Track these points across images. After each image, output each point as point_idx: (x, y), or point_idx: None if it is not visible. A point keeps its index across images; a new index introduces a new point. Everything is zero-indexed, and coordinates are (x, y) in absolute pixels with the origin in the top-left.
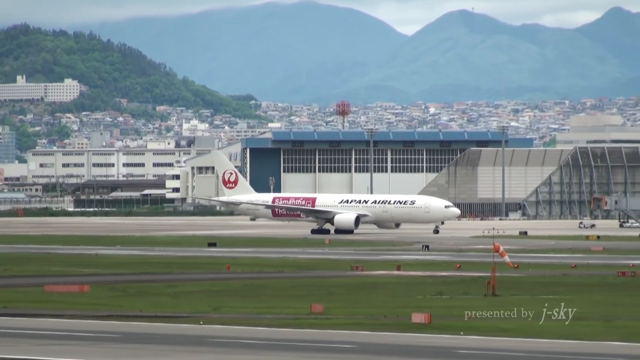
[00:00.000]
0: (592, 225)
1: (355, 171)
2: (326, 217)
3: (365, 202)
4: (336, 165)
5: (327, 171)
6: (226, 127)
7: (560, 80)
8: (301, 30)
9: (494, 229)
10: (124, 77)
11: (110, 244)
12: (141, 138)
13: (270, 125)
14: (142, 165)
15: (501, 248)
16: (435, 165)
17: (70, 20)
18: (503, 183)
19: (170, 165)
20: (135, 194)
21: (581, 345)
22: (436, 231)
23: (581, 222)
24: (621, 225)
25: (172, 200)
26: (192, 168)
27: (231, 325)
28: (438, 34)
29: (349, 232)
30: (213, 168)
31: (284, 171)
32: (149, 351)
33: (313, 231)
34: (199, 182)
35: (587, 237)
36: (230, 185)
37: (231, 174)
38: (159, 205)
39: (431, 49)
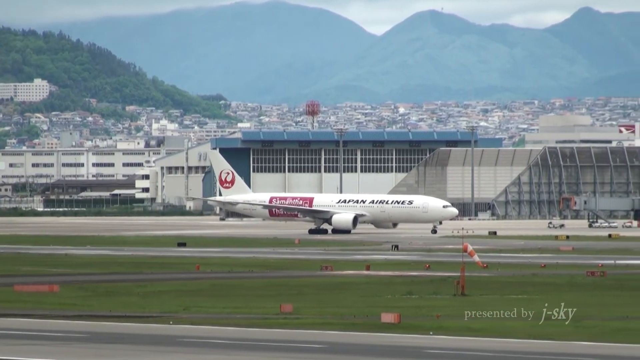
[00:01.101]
0: (561, 225)
1: (325, 171)
2: (324, 217)
3: (363, 202)
4: (306, 165)
5: (296, 171)
6: (196, 127)
7: (530, 81)
8: (271, 30)
9: (463, 229)
10: (94, 77)
11: (80, 244)
12: (111, 138)
13: (239, 125)
14: (112, 165)
15: (470, 248)
16: (405, 165)
17: (40, 20)
18: (472, 183)
19: (139, 165)
20: (104, 194)
21: (550, 345)
22: (434, 231)
23: (550, 222)
24: (590, 225)
25: (141, 200)
26: (162, 168)
27: (201, 325)
28: (407, 34)
29: (347, 232)
30: (182, 168)
31: (254, 171)
32: (119, 351)
33: (311, 231)
34: (169, 182)
35: (556, 237)
36: (227, 185)
37: (228, 173)
38: (128, 205)
39: (400, 49)
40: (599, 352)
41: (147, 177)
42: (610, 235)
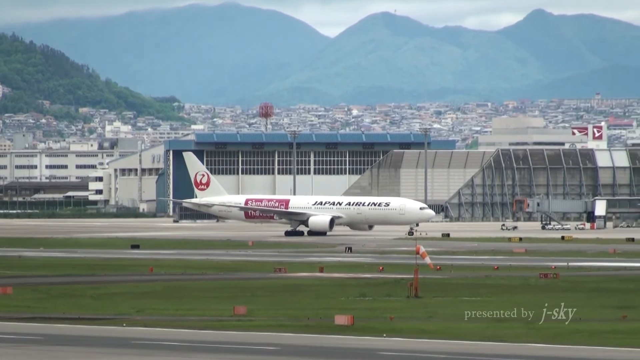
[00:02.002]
0: (514, 227)
1: (279, 173)
2: (300, 219)
3: (340, 204)
4: (259, 167)
5: (250, 173)
6: (149, 129)
7: (483, 83)
8: (224, 32)
9: (416, 230)
10: (47, 78)
11: (34, 246)
12: (64, 140)
13: (193, 127)
14: (65, 167)
15: (422, 250)
16: (358, 167)
17: None
18: (425, 185)
19: (93, 167)
20: (58, 196)
21: (503, 346)
22: (411, 233)
23: (503, 224)
24: (543, 227)
25: (95, 202)
26: (115, 170)
27: (154, 327)
28: (361, 36)
29: (323, 233)
30: (136, 170)
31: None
32: (72, 353)
33: (287, 233)
34: (122, 184)
35: (509, 239)
36: (202, 187)
37: (203, 175)
38: (82, 207)
39: (354, 51)
40: (551, 354)
41: (100, 179)
42: (563, 237)
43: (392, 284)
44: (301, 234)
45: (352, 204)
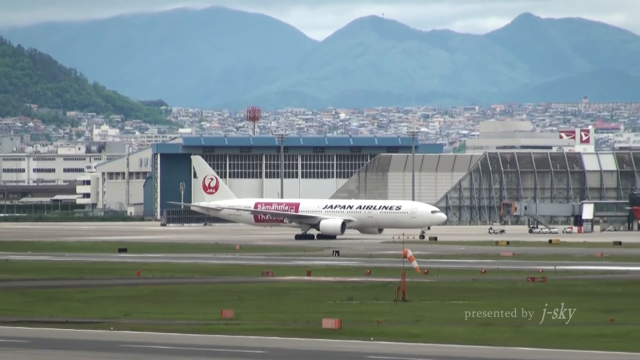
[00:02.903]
0: (502, 231)
1: (266, 177)
2: (311, 222)
3: (350, 207)
4: (247, 170)
5: (237, 177)
6: (137, 133)
7: (470, 86)
8: (211, 35)
9: (403, 234)
10: (35, 82)
11: (21, 250)
12: (52, 143)
13: (180, 130)
14: (53, 170)
15: (410, 253)
16: (346, 170)
17: None
18: (413, 188)
19: (81, 170)
20: (45, 200)
21: (490, 350)
22: (422, 236)
23: (491, 228)
24: (531, 231)
25: (82, 206)
26: (103, 173)
27: (142, 330)
28: (348, 40)
29: (332, 237)
30: (124, 173)
31: (195, 177)
32: (60, 357)
33: (297, 236)
34: (110, 188)
35: (496, 243)
36: (211, 190)
37: (212, 179)
38: (69, 211)
39: (341, 55)
40: (539, 357)
41: (88, 182)
42: (550, 241)
43: (380, 288)
44: (312, 237)
45: (363, 208)
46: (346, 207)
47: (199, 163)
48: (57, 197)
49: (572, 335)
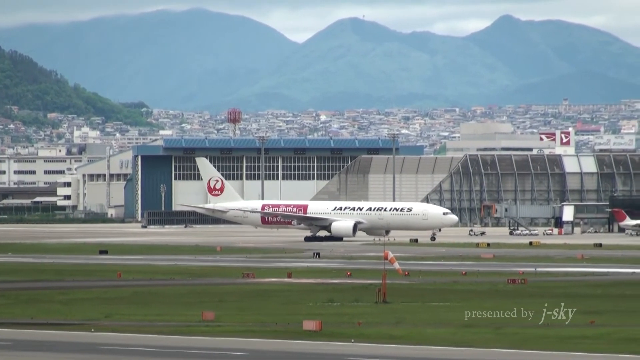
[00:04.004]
0: (482, 233)
1: (247, 178)
2: (322, 224)
3: (360, 209)
4: (228, 172)
5: None
6: (117, 135)
7: (451, 88)
8: (192, 37)
9: (384, 236)
10: (15, 84)
11: (2, 252)
12: (32, 145)
13: (161, 132)
14: (33, 172)
15: (391, 255)
16: (326, 172)
17: None
18: (394, 190)
19: (61, 172)
20: (26, 202)
21: (471, 352)
22: (433, 238)
23: (471, 230)
24: (511, 233)
25: (63, 208)
26: (84, 175)
27: (123, 332)
28: (329, 42)
29: (339, 239)
30: (104, 175)
31: (175, 178)
32: (41, 358)
33: (307, 238)
34: (91, 190)
35: (477, 245)
36: (216, 192)
37: (217, 181)
38: (50, 213)
39: (322, 57)
40: (519, 359)
41: (68, 184)
42: (531, 243)
43: (361, 290)
44: (322, 239)
45: (373, 209)
46: (356, 209)
47: (204, 165)
48: (38, 199)
49: (553, 337)
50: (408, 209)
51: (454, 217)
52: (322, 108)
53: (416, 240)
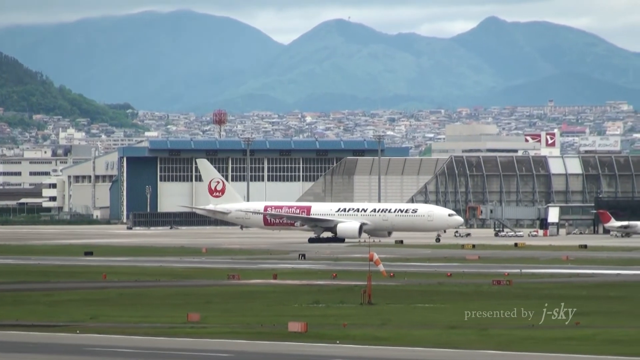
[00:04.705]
0: (468, 234)
1: (232, 180)
2: (326, 225)
3: (364, 210)
4: None
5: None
6: (103, 136)
7: (436, 90)
8: (178, 39)
9: (370, 237)
10: (0, 85)
11: None
12: (18, 147)
13: (147, 134)
14: (19, 174)
15: (376, 257)
16: (312, 174)
17: None
18: (379, 192)
19: (47, 174)
20: (11, 203)
21: (455, 353)
22: (438, 240)
23: (457, 231)
24: (496, 234)
25: (49, 209)
26: (69, 177)
27: (108, 334)
28: (315, 43)
29: (342, 240)
30: (90, 177)
31: (161, 180)
32: None
33: (311, 240)
34: (76, 191)
35: (462, 246)
36: (217, 194)
37: (218, 182)
38: (35, 214)
39: (308, 58)
40: None
41: (54, 186)
42: (516, 244)
43: (346, 291)
44: (325, 240)
45: (378, 211)
46: (360, 210)
47: (204, 166)
48: (23, 200)
49: (538, 339)
50: (413, 210)
51: (459, 219)
52: (308, 109)
53: (401, 242)
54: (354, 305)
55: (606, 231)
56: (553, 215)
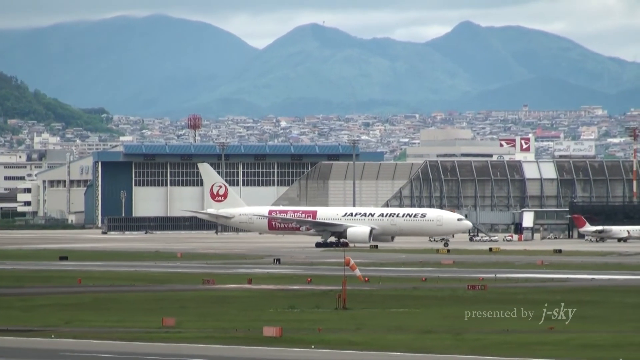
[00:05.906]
0: (443, 239)
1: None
2: (335, 230)
3: (372, 215)
4: (188, 178)
5: (178, 185)
6: (78, 141)
7: (411, 94)
8: (153, 43)
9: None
10: None
11: None
12: None
13: (122, 138)
14: None
15: (352, 261)
16: (287, 178)
17: None
18: (354, 197)
19: (21, 178)
20: None
21: (429, 358)
22: (446, 244)
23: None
24: (471, 239)
25: (23, 214)
26: (44, 181)
27: (83, 339)
28: (289, 48)
29: (346, 244)
30: (65, 181)
31: (136, 185)
32: None
33: (318, 244)
34: (51, 196)
35: (437, 251)
36: (219, 198)
37: (220, 187)
38: (10, 219)
39: (282, 63)
40: None
41: (29, 190)
42: (490, 249)
43: (321, 296)
44: (333, 244)
45: (386, 215)
46: (367, 214)
47: (206, 171)
48: None
49: (512, 343)
50: (422, 214)
51: (468, 223)
52: (283, 114)
53: (376, 246)
54: (329, 310)
55: (581, 236)
56: (528, 219)
